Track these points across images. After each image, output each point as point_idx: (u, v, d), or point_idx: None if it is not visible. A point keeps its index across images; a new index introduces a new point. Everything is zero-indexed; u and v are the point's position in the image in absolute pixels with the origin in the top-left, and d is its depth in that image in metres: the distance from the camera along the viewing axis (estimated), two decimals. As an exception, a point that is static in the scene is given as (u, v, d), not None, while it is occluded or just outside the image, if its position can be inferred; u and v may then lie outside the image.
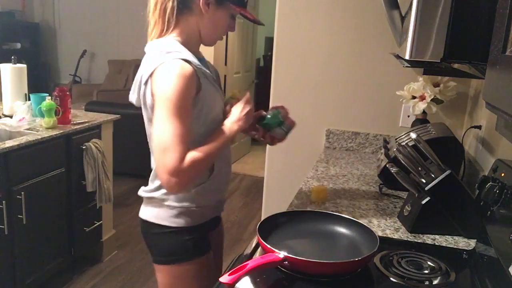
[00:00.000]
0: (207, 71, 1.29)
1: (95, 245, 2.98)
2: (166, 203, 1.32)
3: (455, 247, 1.28)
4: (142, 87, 1.25)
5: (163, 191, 1.32)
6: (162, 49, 1.22)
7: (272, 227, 1.21)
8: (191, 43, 1.29)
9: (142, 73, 1.25)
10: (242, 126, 1.31)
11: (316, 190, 1.57)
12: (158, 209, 1.34)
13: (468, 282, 1.15)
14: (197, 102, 1.24)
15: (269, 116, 1.40)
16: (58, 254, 2.60)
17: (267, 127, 1.41)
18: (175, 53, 1.21)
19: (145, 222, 1.37)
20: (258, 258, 1.02)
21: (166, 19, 1.26)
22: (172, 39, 1.26)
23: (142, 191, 1.38)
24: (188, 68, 1.19)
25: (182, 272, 1.36)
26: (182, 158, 1.17)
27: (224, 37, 4.99)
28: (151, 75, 1.21)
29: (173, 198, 1.32)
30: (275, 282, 1.06)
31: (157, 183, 1.33)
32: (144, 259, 3.10)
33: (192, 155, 1.19)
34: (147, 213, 1.37)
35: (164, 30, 1.28)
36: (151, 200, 1.36)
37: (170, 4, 1.24)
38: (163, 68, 1.18)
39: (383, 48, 2.14)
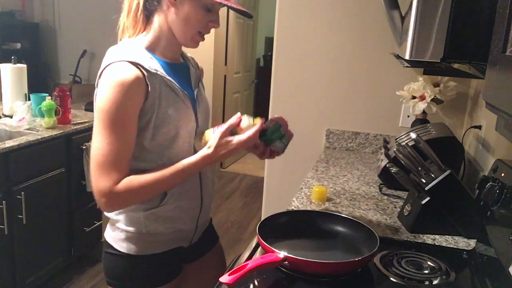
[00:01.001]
0: (169, 78, 1.12)
1: (95, 245, 2.98)
2: (117, 224, 1.22)
3: (455, 247, 1.28)
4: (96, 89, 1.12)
5: (115, 212, 1.21)
6: (114, 51, 1.11)
7: (272, 227, 1.21)
8: (162, 45, 1.16)
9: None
10: (213, 162, 1.12)
11: (316, 190, 1.57)
12: (111, 229, 1.24)
13: (468, 282, 1.15)
14: (146, 112, 1.09)
15: (270, 131, 1.28)
16: (58, 254, 2.60)
17: (268, 142, 1.29)
18: (122, 54, 1.08)
19: (104, 238, 1.28)
20: (258, 258, 1.02)
21: (133, 20, 1.16)
22: (138, 39, 1.15)
23: None
24: (131, 74, 1.05)
25: None
26: (116, 180, 1.05)
27: (224, 37, 5.03)
28: (99, 77, 1.09)
29: (122, 221, 1.20)
30: (275, 282, 1.06)
31: None
32: (144, 259, 3.09)
33: (129, 181, 1.06)
34: (106, 230, 1.27)
35: (134, 30, 1.17)
36: (110, 219, 1.25)
37: (135, 4, 1.14)
38: (106, 72, 1.07)
39: (383, 48, 2.14)
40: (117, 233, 1.22)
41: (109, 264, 1.25)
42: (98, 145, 1.05)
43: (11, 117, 2.55)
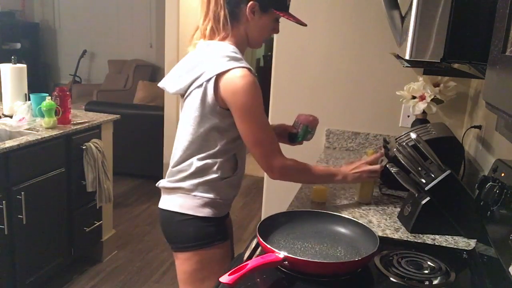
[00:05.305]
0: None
1: (95, 245, 2.98)
2: (193, 193, 1.38)
3: (455, 247, 1.28)
4: (202, 82, 1.30)
5: (191, 182, 1.37)
6: (226, 53, 1.31)
7: (272, 227, 1.21)
8: (240, 48, 1.37)
9: (203, 69, 1.31)
10: (348, 180, 1.48)
11: (316, 190, 1.57)
12: (183, 199, 1.39)
13: (468, 282, 1.15)
14: None
15: (300, 135, 1.59)
16: (58, 254, 2.60)
17: (301, 141, 1.62)
18: (239, 60, 1.30)
19: (167, 212, 1.42)
20: (258, 258, 1.02)
21: (221, 26, 1.34)
22: (231, 46, 1.34)
23: (166, 182, 1.43)
24: (252, 76, 1.30)
25: (206, 257, 1.41)
26: (281, 155, 1.36)
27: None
28: (219, 76, 1.28)
29: (200, 189, 1.38)
30: (275, 282, 1.06)
31: (183, 174, 1.38)
32: (144, 259, 3.10)
33: (294, 162, 1.39)
34: (169, 203, 1.42)
35: (217, 36, 1.36)
36: (176, 190, 1.40)
37: (222, 13, 1.33)
38: (232, 77, 1.27)
39: (383, 48, 2.14)
40: (193, 201, 1.38)
41: (186, 230, 1.40)
42: (257, 132, 1.32)
43: (11, 117, 2.54)
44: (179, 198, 1.40)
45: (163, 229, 1.47)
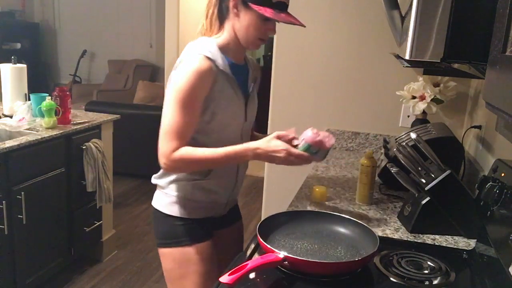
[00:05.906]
0: (232, 77, 1.33)
1: (95, 245, 2.98)
2: (164, 190, 1.42)
3: (455, 247, 1.28)
4: (172, 74, 1.33)
5: (165, 179, 1.41)
6: (195, 46, 1.32)
7: (272, 227, 1.21)
8: (230, 47, 1.35)
9: (176, 63, 1.34)
10: (262, 160, 1.31)
11: (316, 190, 1.57)
12: (159, 195, 1.45)
13: (468, 282, 1.15)
14: (208, 100, 1.29)
15: (299, 150, 1.29)
16: (58, 254, 2.60)
17: None
18: (202, 49, 1.28)
19: (151, 207, 1.48)
20: (258, 258, 1.02)
21: (209, 23, 1.36)
22: (213, 40, 1.34)
23: (153, 178, 1.47)
24: (205, 65, 1.25)
25: (178, 256, 1.43)
26: (175, 148, 1.26)
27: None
28: (180, 63, 1.30)
29: (171, 187, 1.40)
30: (275, 282, 1.06)
31: (161, 171, 1.42)
32: (144, 259, 3.10)
33: (184, 152, 1.27)
34: (153, 199, 1.48)
35: (210, 32, 1.37)
36: (157, 187, 1.47)
37: (211, 10, 1.35)
38: (187, 61, 1.27)
39: (383, 48, 2.14)
40: (165, 198, 1.42)
41: (159, 227, 1.45)
42: (170, 117, 1.28)
43: (11, 117, 2.54)
44: (158, 195, 1.45)
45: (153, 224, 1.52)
